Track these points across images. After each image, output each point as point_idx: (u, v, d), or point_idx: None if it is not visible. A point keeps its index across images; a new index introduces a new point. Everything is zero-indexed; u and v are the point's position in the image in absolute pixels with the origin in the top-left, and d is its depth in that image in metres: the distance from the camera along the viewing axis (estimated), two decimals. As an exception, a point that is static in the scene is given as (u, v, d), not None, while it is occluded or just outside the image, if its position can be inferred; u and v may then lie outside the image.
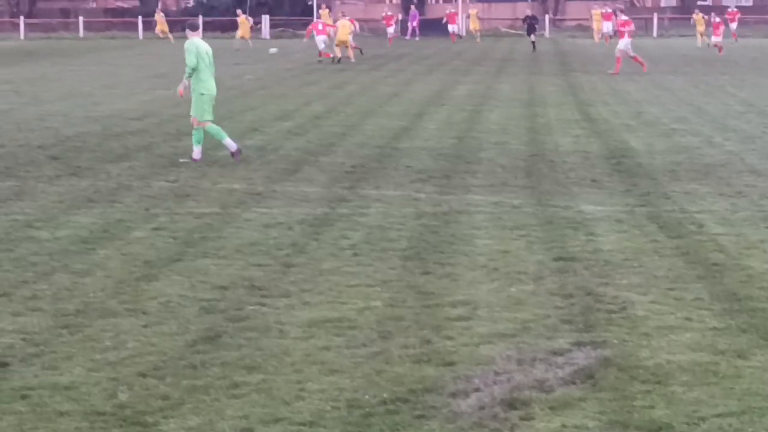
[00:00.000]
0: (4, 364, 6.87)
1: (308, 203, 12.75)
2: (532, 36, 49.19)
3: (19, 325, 7.73)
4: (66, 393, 6.40)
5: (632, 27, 37.13)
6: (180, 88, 16.20)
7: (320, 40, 41.56)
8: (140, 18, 67.04)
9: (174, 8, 77.64)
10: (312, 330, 7.72)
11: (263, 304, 8.36)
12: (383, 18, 60.86)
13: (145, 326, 7.78)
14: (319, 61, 40.48)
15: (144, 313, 8.13)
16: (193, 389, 6.54)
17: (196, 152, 16.05)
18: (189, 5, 79.67)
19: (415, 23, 63.29)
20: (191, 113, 16.07)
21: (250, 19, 54.27)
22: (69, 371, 6.78)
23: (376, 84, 31.14)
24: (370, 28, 65.81)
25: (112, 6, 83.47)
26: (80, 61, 43.21)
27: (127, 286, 8.89)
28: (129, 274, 9.29)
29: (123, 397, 6.38)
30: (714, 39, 46.59)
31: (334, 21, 44.62)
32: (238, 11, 53.98)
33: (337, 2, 70.29)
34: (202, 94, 15.88)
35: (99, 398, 6.35)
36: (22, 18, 70.20)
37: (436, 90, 28.62)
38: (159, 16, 61.09)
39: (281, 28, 67.49)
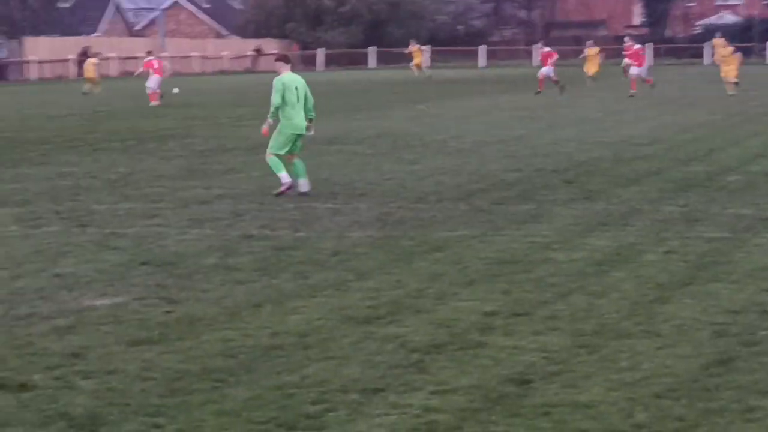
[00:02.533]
0: (527, 381, 7.29)
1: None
2: None
3: (540, 343, 8.15)
4: (585, 411, 6.71)
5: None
6: (263, 128, 16.25)
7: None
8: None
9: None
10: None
11: (778, 330, 8.34)
12: None
13: (659, 348, 7.97)
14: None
15: (658, 335, 8.32)
16: (707, 412, 6.65)
17: (304, 184, 15.95)
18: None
19: None
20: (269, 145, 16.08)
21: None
22: (587, 390, 7.09)
23: None
24: None
25: (621, 33, 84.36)
26: (589, 88, 44.10)
27: (641, 308, 9.12)
28: (642, 296, 9.51)
29: (640, 417, 6.61)
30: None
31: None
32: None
33: None
34: (285, 131, 15.90)
35: (617, 417, 6.61)
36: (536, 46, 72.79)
37: None
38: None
39: None
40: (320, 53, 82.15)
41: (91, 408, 6.84)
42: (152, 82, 40.49)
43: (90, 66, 49.05)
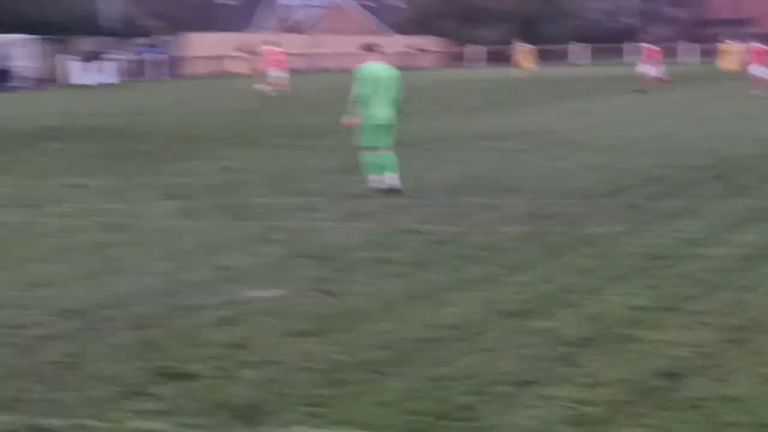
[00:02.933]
0: (676, 375, 7.35)
1: None
2: None
3: (688, 338, 8.18)
4: (735, 404, 6.74)
5: None
6: (344, 119, 16.28)
7: None
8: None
9: None
10: None
11: None
12: None
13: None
14: None
15: (812, 331, 8.29)
16: None
17: (390, 178, 15.78)
18: None
19: None
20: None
21: None
22: (737, 384, 7.11)
23: None
24: None
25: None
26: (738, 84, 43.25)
27: None
28: None
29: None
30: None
31: None
32: None
33: None
34: (366, 122, 15.75)
35: (767, 410, 6.66)
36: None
37: None
38: None
39: None
40: (473, 50, 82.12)
41: (253, 397, 7.10)
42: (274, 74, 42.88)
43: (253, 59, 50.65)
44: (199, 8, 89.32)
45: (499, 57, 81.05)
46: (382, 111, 15.71)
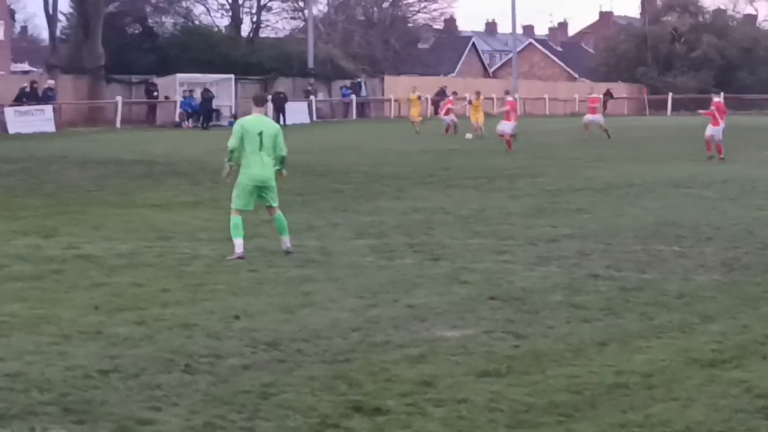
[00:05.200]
0: None
1: None
2: None
3: None
4: None
5: None
6: (223, 173, 14.76)
7: None
8: None
9: None
10: None
11: None
12: None
13: None
14: None
15: None
16: None
17: (284, 241, 14.63)
18: None
19: None
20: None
21: None
22: None
23: None
24: None
25: None
26: None
27: None
28: None
29: None
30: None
31: None
32: None
33: None
34: (242, 181, 14.40)
35: None
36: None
37: None
38: None
39: None
40: (669, 97, 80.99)
41: (442, 435, 7.18)
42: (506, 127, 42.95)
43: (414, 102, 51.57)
44: (401, 52, 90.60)
45: (695, 105, 79.69)
46: (261, 169, 14.40)
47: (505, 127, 37.22)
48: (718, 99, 34.12)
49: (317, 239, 16.10)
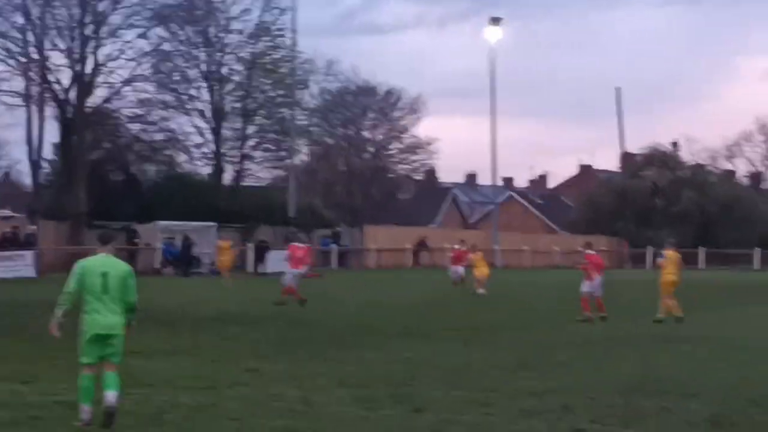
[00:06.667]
0: None
1: None
2: None
3: None
4: None
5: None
6: (51, 324, 12.41)
7: None
8: None
9: None
10: None
11: None
12: None
13: None
14: None
15: None
16: None
17: (109, 396, 12.20)
18: None
19: None
20: None
21: None
22: None
23: None
24: None
25: None
26: None
27: None
28: None
29: None
30: None
31: None
32: None
33: None
34: (84, 329, 12.36)
35: None
36: None
37: None
38: None
39: None
40: (649, 252, 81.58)
41: None
42: (457, 270, 43.34)
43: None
44: (381, 202, 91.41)
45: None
46: (105, 316, 12.35)
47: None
48: (591, 252, 30.39)
49: (299, 389, 15.97)
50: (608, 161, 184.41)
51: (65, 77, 62.21)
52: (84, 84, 62.04)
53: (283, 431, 12.58)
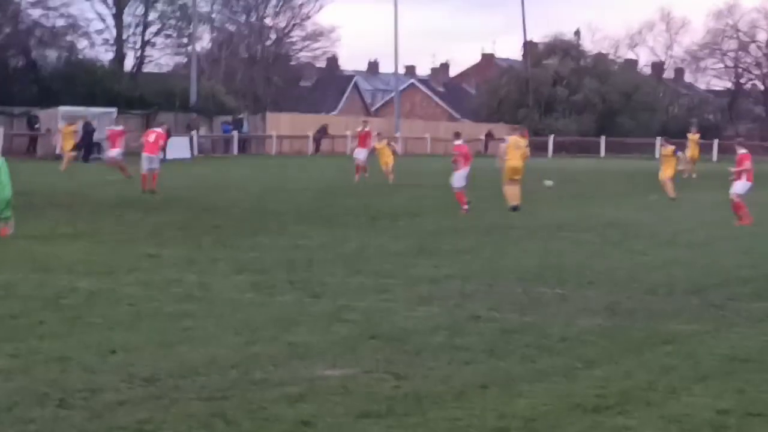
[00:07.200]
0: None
1: None
2: None
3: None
4: None
5: None
6: None
7: None
8: None
9: None
10: None
11: None
12: None
13: None
14: None
15: None
16: None
17: None
18: None
19: None
20: None
21: None
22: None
23: None
24: None
25: None
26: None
27: None
28: None
29: None
30: None
31: None
32: None
33: None
34: None
35: None
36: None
37: None
38: None
39: None
40: (550, 140, 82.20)
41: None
42: (360, 153, 42.27)
43: None
44: (281, 89, 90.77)
45: (576, 148, 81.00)
46: None
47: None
48: (459, 142, 29.40)
49: (197, 274, 15.83)
50: (511, 50, 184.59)
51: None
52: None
53: (180, 316, 12.44)
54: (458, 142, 29.84)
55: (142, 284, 14.75)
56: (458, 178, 28.40)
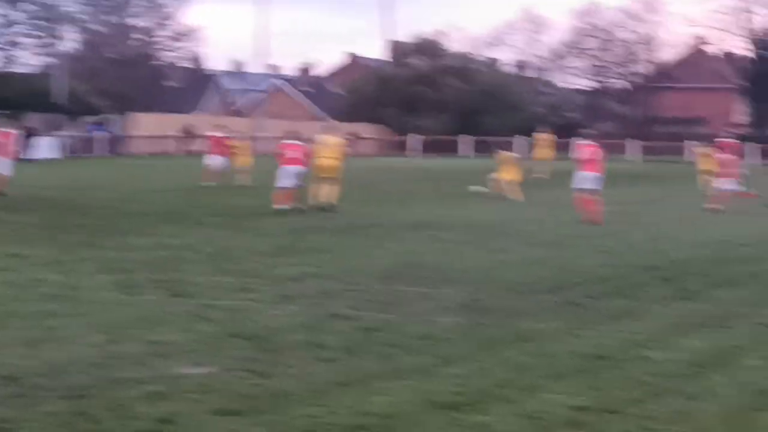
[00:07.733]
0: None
1: None
2: None
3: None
4: None
5: None
6: None
7: None
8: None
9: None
10: None
11: None
12: None
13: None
14: None
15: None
16: None
17: None
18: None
19: None
20: None
21: None
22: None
23: None
24: None
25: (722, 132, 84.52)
26: (686, 185, 43.62)
27: (741, 414, 8.99)
28: (742, 402, 9.36)
29: None
30: None
31: None
32: None
33: None
34: None
35: None
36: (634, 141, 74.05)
37: None
38: None
39: None
40: (412, 139, 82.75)
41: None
42: (213, 160, 40.70)
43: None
44: (146, 89, 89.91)
45: (438, 147, 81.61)
46: None
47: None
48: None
49: (63, 274, 15.74)
50: (379, 50, 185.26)
51: None
52: None
53: (44, 315, 12.38)
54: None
55: (6, 284, 14.63)
56: (286, 175, 28.96)
